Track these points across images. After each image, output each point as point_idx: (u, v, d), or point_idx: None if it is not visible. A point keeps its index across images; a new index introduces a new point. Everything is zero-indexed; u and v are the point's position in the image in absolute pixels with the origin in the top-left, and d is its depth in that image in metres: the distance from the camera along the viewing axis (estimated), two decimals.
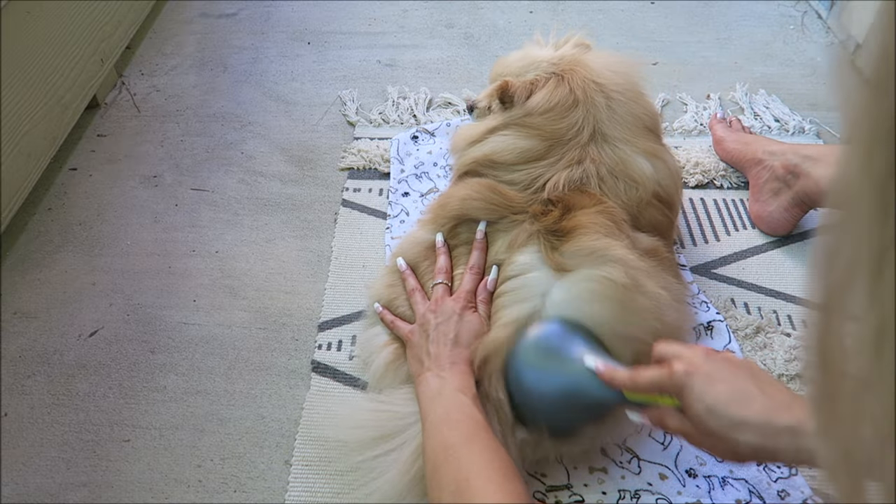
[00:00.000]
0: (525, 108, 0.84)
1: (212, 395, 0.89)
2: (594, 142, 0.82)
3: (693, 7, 1.65)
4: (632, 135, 0.83)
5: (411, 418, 0.73)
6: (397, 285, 0.86)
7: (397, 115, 1.33)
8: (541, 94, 0.84)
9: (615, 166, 0.81)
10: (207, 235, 1.11)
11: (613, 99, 0.83)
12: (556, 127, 0.82)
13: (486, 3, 1.68)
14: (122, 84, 1.45)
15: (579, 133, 0.82)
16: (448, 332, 0.76)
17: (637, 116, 0.85)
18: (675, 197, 0.87)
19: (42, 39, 1.17)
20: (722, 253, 1.04)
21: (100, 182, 1.21)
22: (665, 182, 0.84)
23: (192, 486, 0.80)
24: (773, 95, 1.35)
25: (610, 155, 0.82)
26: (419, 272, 0.85)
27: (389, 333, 0.84)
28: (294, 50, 1.54)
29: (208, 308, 0.99)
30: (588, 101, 0.82)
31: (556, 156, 0.82)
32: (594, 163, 0.81)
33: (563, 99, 0.83)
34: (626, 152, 0.82)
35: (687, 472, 0.77)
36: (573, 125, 0.82)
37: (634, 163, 0.82)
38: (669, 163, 0.87)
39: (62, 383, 0.91)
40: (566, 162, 0.81)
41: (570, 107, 0.82)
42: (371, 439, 0.73)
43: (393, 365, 0.81)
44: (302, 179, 1.20)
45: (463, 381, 0.71)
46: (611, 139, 0.82)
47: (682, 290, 0.84)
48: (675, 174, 0.87)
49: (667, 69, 1.44)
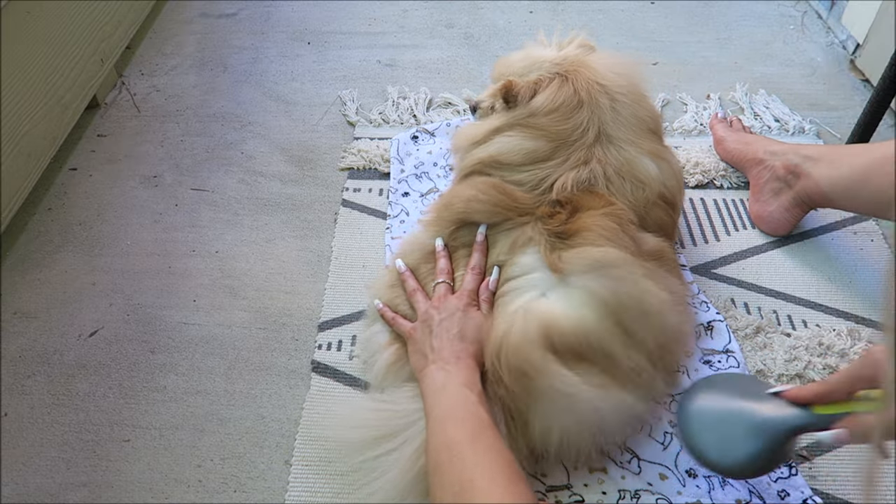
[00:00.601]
0: (529, 109, 0.84)
1: (212, 395, 0.89)
2: (599, 143, 0.82)
3: (693, 7, 1.65)
4: (636, 136, 0.83)
5: (413, 416, 0.73)
6: (398, 285, 0.86)
7: (397, 115, 1.33)
8: (545, 94, 0.84)
9: (621, 167, 0.81)
10: (207, 235, 1.11)
11: (617, 101, 0.83)
12: (561, 128, 0.82)
13: (486, 3, 1.68)
14: (122, 84, 1.45)
15: (585, 134, 0.82)
16: (451, 327, 0.76)
17: (640, 118, 0.85)
18: (678, 197, 0.88)
19: (42, 39, 1.17)
20: (722, 253, 1.04)
21: (100, 182, 1.21)
22: (669, 183, 0.84)
23: (192, 486, 0.80)
24: (773, 95, 1.35)
25: (616, 156, 0.82)
26: (419, 275, 0.85)
27: (390, 332, 0.84)
28: (294, 50, 1.54)
29: (208, 308, 0.99)
30: (593, 103, 0.82)
31: (563, 156, 0.82)
32: (601, 163, 0.81)
33: (568, 100, 0.83)
34: (632, 153, 0.83)
35: (687, 473, 0.77)
36: (578, 126, 0.82)
37: (640, 164, 0.82)
38: (673, 164, 0.87)
39: (62, 383, 0.91)
40: (573, 162, 0.81)
41: (574, 108, 0.82)
42: (372, 439, 0.73)
43: (395, 366, 0.81)
44: (302, 179, 1.20)
45: (468, 377, 0.71)
46: (616, 140, 0.83)
47: (685, 292, 0.84)
48: (678, 175, 0.88)
49: (667, 69, 1.44)
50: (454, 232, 0.84)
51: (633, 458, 0.78)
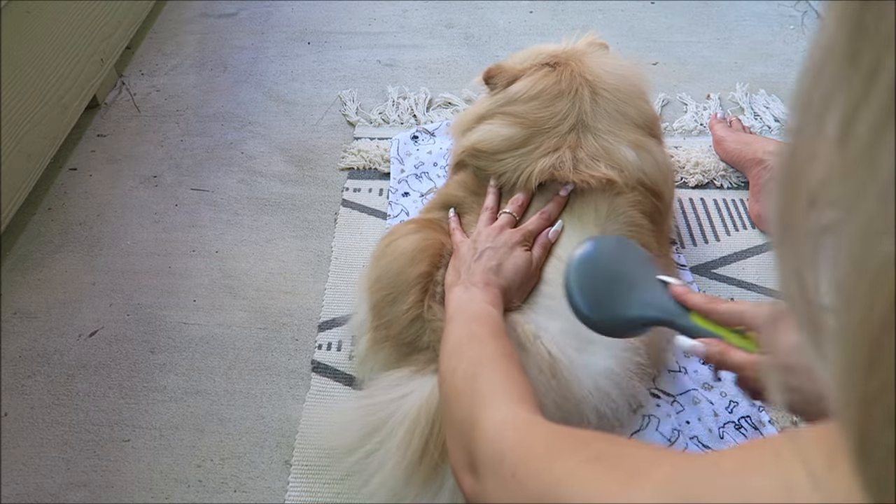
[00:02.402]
0: (507, 95, 0.86)
1: (212, 395, 0.89)
2: (575, 131, 0.83)
3: (693, 7, 1.65)
4: (617, 128, 0.84)
5: (391, 406, 0.72)
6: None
7: (397, 115, 1.33)
8: (526, 81, 0.85)
9: (596, 153, 0.82)
10: (207, 235, 1.11)
11: (600, 95, 0.84)
12: (538, 115, 0.83)
13: (486, 3, 1.68)
14: (122, 84, 1.45)
15: (560, 122, 0.83)
16: (493, 257, 0.76)
17: (626, 114, 0.85)
18: (662, 187, 0.86)
19: (42, 39, 1.17)
20: (722, 253, 1.04)
21: (100, 182, 1.21)
22: (650, 171, 0.84)
23: (192, 486, 0.80)
24: (773, 95, 1.35)
25: (592, 143, 0.82)
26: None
27: (367, 303, 0.83)
28: (294, 50, 1.54)
29: (208, 308, 0.99)
30: (574, 94, 0.83)
31: (536, 143, 0.83)
32: (571, 149, 0.82)
33: (549, 88, 0.84)
34: (610, 141, 0.83)
35: None
36: (556, 114, 0.83)
37: (617, 151, 0.83)
38: (656, 154, 0.86)
39: (62, 383, 0.91)
40: (544, 150, 0.82)
41: (555, 97, 0.83)
42: (358, 438, 0.72)
43: (371, 350, 0.81)
44: (302, 179, 1.20)
45: (494, 300, 0.71)
46: (595, 130, 0.83)
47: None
48: (663, 166, 0.87)
49: (667, 69, 1.44)
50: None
51: None
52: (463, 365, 0.59)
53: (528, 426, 0.49)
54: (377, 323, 0.81)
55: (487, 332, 0.64)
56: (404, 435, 0.69)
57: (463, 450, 0.53)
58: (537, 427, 0.48)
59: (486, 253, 0.77)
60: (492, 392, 0.54)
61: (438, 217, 0.89)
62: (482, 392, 0.55)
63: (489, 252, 0.77)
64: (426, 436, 0.68)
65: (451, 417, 0.57)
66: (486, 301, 0.70)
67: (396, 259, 0.81)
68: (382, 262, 0.82)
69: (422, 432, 0.68)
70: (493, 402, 0.53)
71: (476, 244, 0.79)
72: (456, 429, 0.55)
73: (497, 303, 0.71)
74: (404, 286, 0.79)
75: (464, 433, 0.53)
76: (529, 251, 0.79)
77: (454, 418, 0.56)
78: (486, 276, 0.74)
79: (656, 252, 0.82)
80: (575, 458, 0.41)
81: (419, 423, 0.69)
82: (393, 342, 0.79)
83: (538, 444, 0.45)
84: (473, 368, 0.58)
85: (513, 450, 0.46)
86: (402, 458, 0.68)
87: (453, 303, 0.71)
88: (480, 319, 0.66)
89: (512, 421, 0.50)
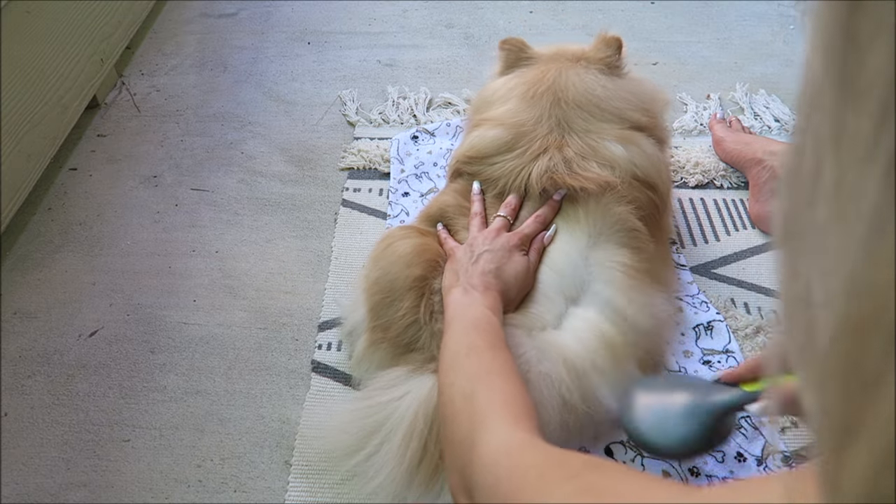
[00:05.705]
0: (482, 97, 0.91)
1: (212, 395, 0.89)
2: (558, 131, 0.84)
3: (693, 7, 1.65)
4: (598, 127, 0.85)
5: (389, 406, 0.72)
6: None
7: (397, 115, 1.33)
8: (505, 79, 0.89)
9: (583, 151, 0.82)
10: (207, 235, 1.11)
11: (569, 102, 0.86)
12: (517, 119, 0.85)
13: (486, 3, 1.68)
14: (122, 84, 1.45)
15: (539, 123, 0.84)
16: (492, 260, 0.76)
17: (607, 110, 0.86)
18: (657, 180, 0.86)
19: (42, 39, 1.17)
20: (722, 253, 1.04)
21: (100, 182, 1.21)
22: (641, 163, 0.84)
23: (192, 486, 0.80)
24: (773, 95, 1.35)
25: (577, 141, 0.83)
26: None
27: (365, 304, 0.83)
28: (294, 50, 1.54)
29: (208, 308, 0.99)
30: (550, 96, 0.85)
31: (523, 146, 0.84)
32: (558, 149, 0.82)
33: (529, 87, 0.87)
34: (595, 139, 0.83)
35: (690, 471, 0.77)
36: (533, 118, 0.85)
37: (604, 147, 0.83)
38: (645, 147, 0.86)
39: (62, 383, 0.90)
40: (532, 154, 0.83)
41: (531, 98, 0.86)
42: (357, 441, 0.72)
43: (368, 350, 0.81)
44: (302, 179, 1.20)
45: (493, 304, 0.71)
46: (576, 130, 0.84)
47: (664, 301, 0.84)
48: (654, 158, 0.87)
49: (667, 69, 1.44)
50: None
51: (636, 455, 0.78)
52: (460, 381, 0.60)
53: (522, 452, 0.50)
54: (374, 324, 0.81)
55: (486, 344, 0.64)
56: (403, 437, 0.69)
57: (459, 473, 0.54)
58: (532, 453, 0.50)
59: (484, 256, 0.76)
60: (490, 411, 0.55)
61: (432, 231, 0.89)
62: (480, 412, 0.56)
63: (487, 255, 0.76)
64: (424, 437, 0.68)
65: (450, 438, 0.57)
66: (486, 305, 0.70)
67: (394, 262, 0.81)
68: (381, 265, 0.82)
69: (420, 434, 0.68)
70: (490, 423, 0.54)
71: (472, 248, 0.78)
72: (455, 449, 0.56)
73: (497, 307, 0.71)
74: (401, 289, 0.79)
75: (462, 455, 0.54)
76: (527, 255, 0.79)
77: (453, 439, 0.57)
78: (485, 278, 0.73)
79: (654, 253, 0.82)
80: (566, 488, 0.44)
81: (417, 425, 0.69)
82: (390, 343, 0.79)
83: (531, 473, 0.47)
84: (472, 385, 0.58)
85: (508, 479, 0.48)
86: (402, 460, 0.68)
87: (452, 305, 0.71)
88: (480, 327, 0.66)
89: (506, 447, 0.51)
